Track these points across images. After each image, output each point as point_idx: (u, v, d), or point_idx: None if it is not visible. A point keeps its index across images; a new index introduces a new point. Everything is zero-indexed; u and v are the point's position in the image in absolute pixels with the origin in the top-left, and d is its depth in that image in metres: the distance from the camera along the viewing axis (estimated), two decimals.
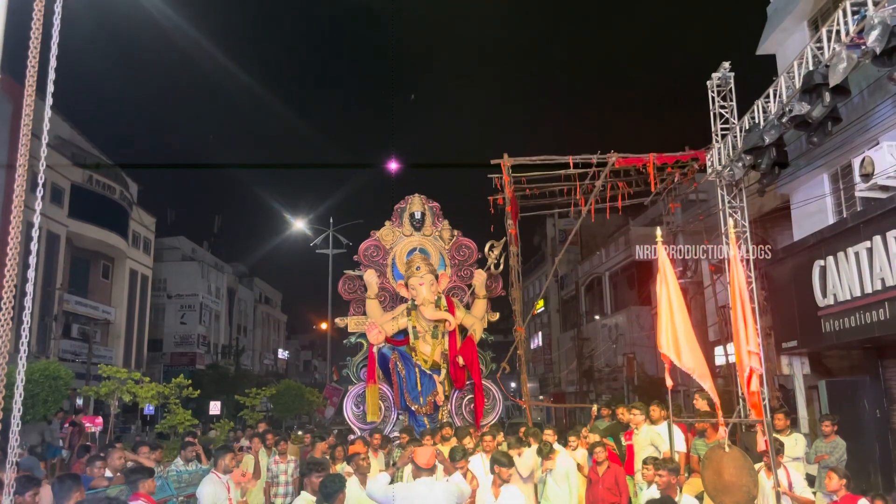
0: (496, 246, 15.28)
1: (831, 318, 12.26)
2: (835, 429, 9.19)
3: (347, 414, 14.07)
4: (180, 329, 52.29)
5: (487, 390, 14.18)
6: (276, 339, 74.02)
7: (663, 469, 6.42)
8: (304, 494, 6.32)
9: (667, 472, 6.33)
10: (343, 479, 5.73)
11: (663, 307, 7.75)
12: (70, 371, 21.75)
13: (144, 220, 45.26)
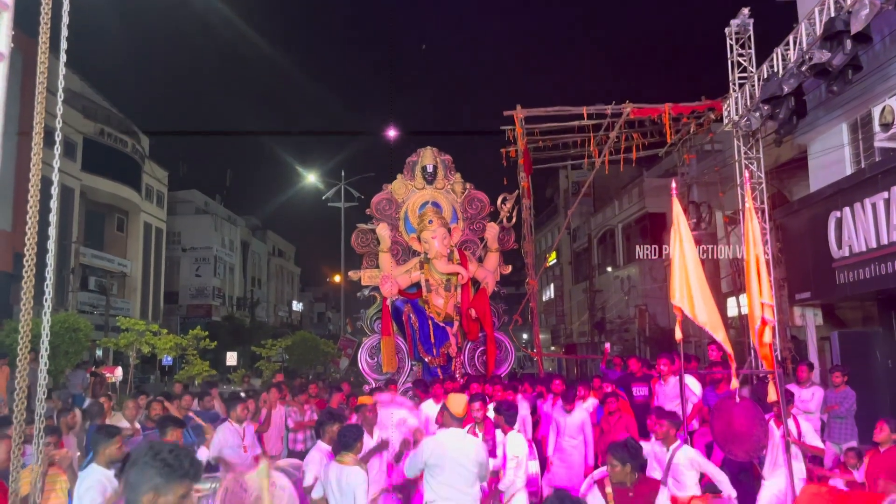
0: (509, 199, 15.24)
1: (846, 270, 12.22)
2: (845, 379, 9.24)
3: (362, 365, 14.27)
4: (195, 281, 52.88)
5: (500, 342, 14.33)
6: (289, 292, 74.75)
7: (664, 419, 6.46)
8: (320, 444, 6.46)
9: (667, 422, 6.37)
10: (361, 429, 5.84)
11: (676, 259, 7.74)
12: (89, 323, 22.14)
13: (157, 174, 45.37)
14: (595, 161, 16.55)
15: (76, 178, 35.73)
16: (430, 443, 5.48)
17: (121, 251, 41.11)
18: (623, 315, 31.71)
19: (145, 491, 2.30)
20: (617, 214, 33.91)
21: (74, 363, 20.13)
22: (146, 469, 2.32)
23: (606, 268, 35.32)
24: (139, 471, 2.33)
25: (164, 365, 34.89)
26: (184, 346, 27.35)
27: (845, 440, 8.72)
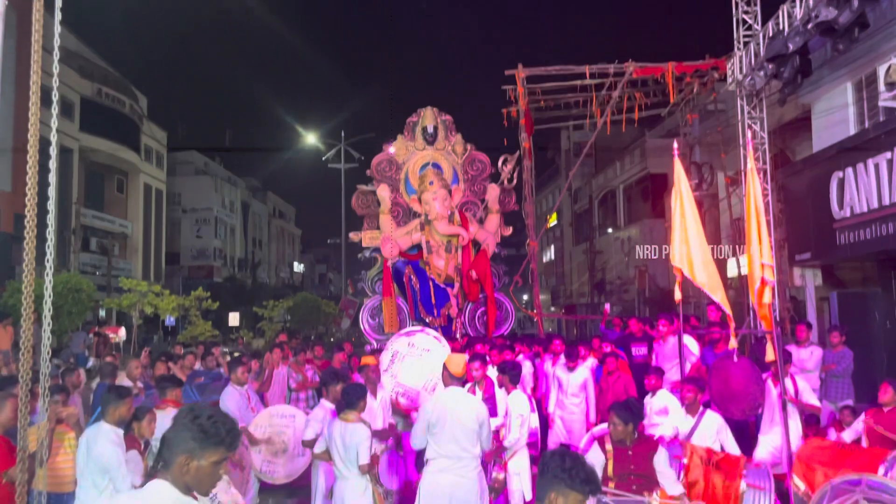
0: (510, 160, 15.17)
1: (846, 231, 12.22)
2: (843, 339, 9.31)
3: (364, 326, 14.38)
4: (196, 243, 52.93)
5: (500, 303, 14.40)
6: (290, 253, 74.86)
7: (691, 383, 6.53)
8: (323, 402, 6.55)
9: (694, 387, 6.45)
10: (364, 388, 5.92)
11: (677, 220, 7.74)
12: (91, 284, 22.24)
13: (156, 134, 45.08)
14: (597, 121, 16.43)
15: (74, 139, 35.51)
16: (430, 403, 5.56)
17: (121, 212, 41.07)
18: (623, 276, 31.80)
19: (180, 452, 2.36)
20: (618, 175, 33.75)
21: (78, 323, 20.29)
22: (183, 431, 2.37)
23: (607, 229, 35.31)
24: (177, 432, 2.39)
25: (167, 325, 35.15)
26: (186, 307, 27.52)
27: (841, 399, 8.82)
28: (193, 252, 52.72)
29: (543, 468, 2.77)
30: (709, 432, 6.26)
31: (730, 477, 5.49)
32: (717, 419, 6.40)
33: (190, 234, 52.76)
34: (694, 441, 6.21)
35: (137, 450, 5.11)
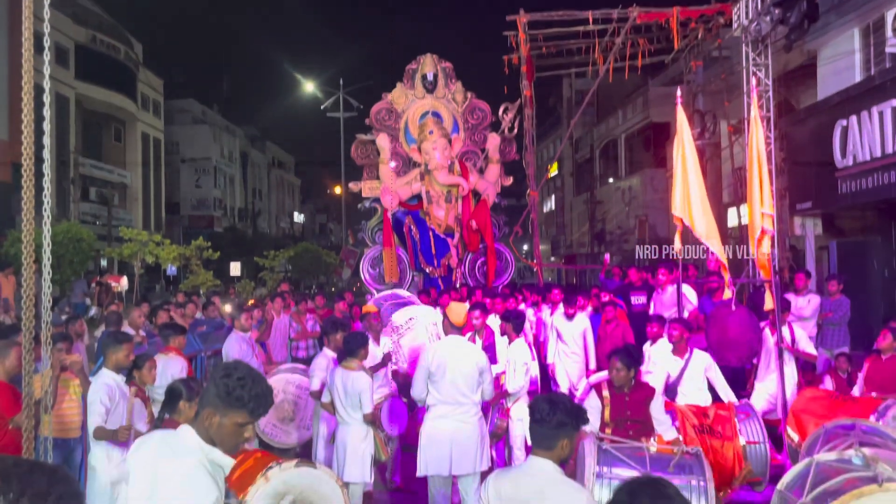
0: (510, 108, 14.99)
1: (848, 180, 12.17)
2: (840, 288, 9.37)
3: (364, 276, 14.43)
4: (196, 192, 52.77)
5: (500, 253, 14.43)
6: (290, 203, 74.68)
7: (677, 323, 6.58)
8: (325, 351, 6.63)
9: (681, 327, 6.50)
10: (366, 336, 5.98)
11: (678, 169, 7.71)
12: (92, 233, 22.26)
13: (152, 82, 44.49)
14: (599, 69, 16.17)
15: (70, 87, 35.06)
16: (429, 351, 5.62)
17: (119, 161, 40.84)
18: (623, 226, 31.79)
19: (205, 405, 2.43)
20: (620, 124, 33.43)
21: (80, 273, 20.37)
22: (212, 386, 2.42)
23: (608, 179, 35.15)
24: (209, 386, 2.44)
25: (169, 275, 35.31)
26: (187, 257, 27.57)
27: (837, 346, 8.93)
28: (193, 202, 52.59)
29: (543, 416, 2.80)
30: (698, 371, 6.35)
31: (727, 437, 5.58)
32: (706, 358, 6.47)
33: (189, 183, 52.54)
34: (684, 381, 6.29)
35: (140, 397, 5.19)
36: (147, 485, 2.40)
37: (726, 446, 5.46)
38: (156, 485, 2.37)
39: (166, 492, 2.35)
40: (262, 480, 3.79)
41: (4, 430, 4.68)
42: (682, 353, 6.44)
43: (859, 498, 3.50)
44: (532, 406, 2.88)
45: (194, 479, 2.35)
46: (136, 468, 2.48)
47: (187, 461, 2.37)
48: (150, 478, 2.39)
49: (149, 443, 2.54)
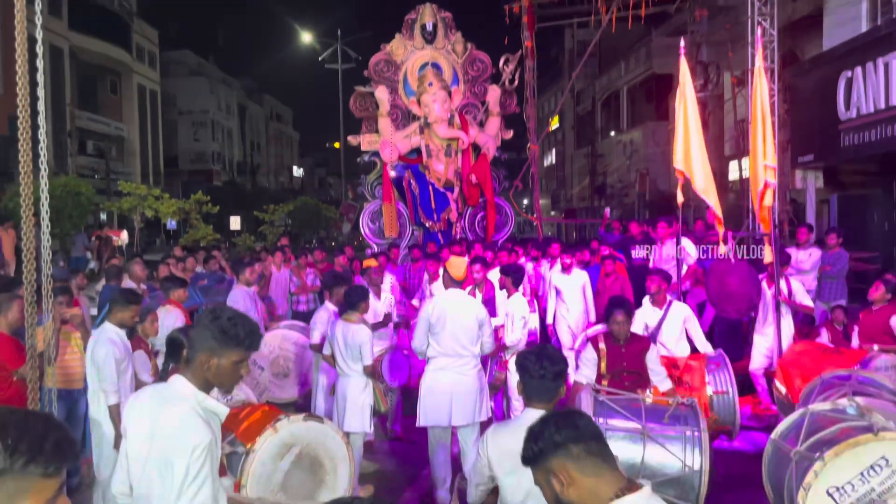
0: (511, 60, 14.74)
1: (851, 132, 12.09)
2: (840, 241, 9.38)
3: (364, 230, 14.41)
4: (194, 146, 52.42)
5: (500, 207, 14.38)
6: (289, 157, 74.26)
7: (655, 276, 6.60)
8: (327, 304, 6.70)
9: (658, 279, 6.51)
10: (366, 290, 6.02)
11: (680, 122, 7.65)
12: (90, 187, 22.15)
13: (147, 33, 43.77)
14: (602, 18, 15.89)
15: (64, 38, 34.48)
16: (430, 304, 5.67)
17: (116, 114, 40.43)
18: (624, 179, 31.66)
19: (200, 350, 2.45)
20: (623, 76, 32.99)
21: (79, 227, 20.34)
22: (204, 331, 2.45)
23: (609, 132, 34.86)
24: (199, 331, 2.47)
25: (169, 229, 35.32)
26: (187, 211, 27.53)
27: (835, 299, 8.98)
28: (192, 156, 52.28)
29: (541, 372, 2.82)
30: (676, 322, 6.40)
31: (694, 388, 5.64)
32: (685, 309, 6.51)
33: (187, 137, 52.14)
34: (663, 332, 6.35)
35: (144, 349, 5.25)
36: (145, 437, 2.43)
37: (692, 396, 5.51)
38: (154, 436, 2.41)
39: (161, 443, 2.39)
40: (271, 431, 3.88)
41: (9, 381, 4.74)
42: (661, 304, 6.47)
43: (855, 447, 3.56)
44: (523, 364, 2.88)
45: (187, 423, 2.38)
46: (132, 422, 2.51)
47: (181, 407, 2.41)
48: (148, 430, 2.43)
49: (142, 397, 2.57)
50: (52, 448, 1.33)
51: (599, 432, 1.91)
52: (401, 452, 6.85)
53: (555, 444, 1.85)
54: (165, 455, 2.36)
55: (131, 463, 2.49)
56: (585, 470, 1.83)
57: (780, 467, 4.10)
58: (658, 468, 4.26)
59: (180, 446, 2.34)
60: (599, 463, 1.84)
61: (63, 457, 1.35)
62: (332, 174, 70.86)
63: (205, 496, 2.36)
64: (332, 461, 3.97)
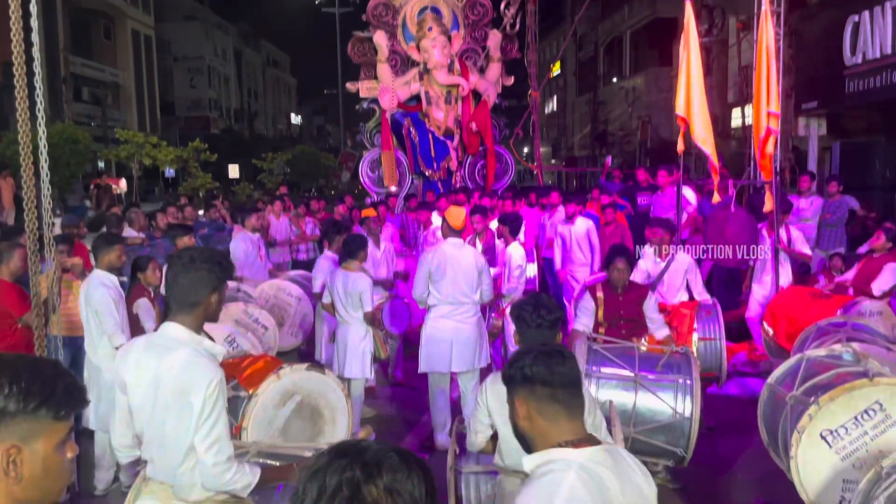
0: (512, 3, 14.44)
1: (856, 78, 11.94)
2: (840, 189, 9.36)
3: (363, 179, 14.33)
4: (191, 93, 51.78)
5: (500, 155, 14.27)
6: (287, 104, 73.45)
7: (658, 226, 6.59)
8: (326, 253, 6.74)
9: (661, 230, 6.51)
10: (365, 238, 6.06)
11: (683, 68, 7.55)
12: (87, 135, 21.96)
13: None
14: None
15: None
16: (429, 253, 5.70)
17: (110, 60, 39.80)
18: (626, 127, 31.38)
19: (207, 291, 2.53)
20: (626, 20, 32.34)
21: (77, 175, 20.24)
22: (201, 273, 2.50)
23: (612, 78, 34.38)
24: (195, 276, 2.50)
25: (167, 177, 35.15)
26: (185, 159, 27.37)
27: (833, 247, 8.99)
28: (188, 103, 51.69)
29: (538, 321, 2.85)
30: (678, 272, 6.42)
31: (682, 334, 5.69)
32: (687, 260, 6.51)
33: (183, 83, 51.46)
34: (664, 281, 6.38)
35: (147, 297, 5.29)
36: (149, 384, 2.46)
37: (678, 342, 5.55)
38: (159, 382, 2.44)
39: (169, 386, 2.42)
40: (274, 377, 3.94)
41: (14, 328, 4.79)
42: (665, 256, 6.48)
43: (850, 391, 3.62)
44: (519, 314, 2.90)
45: (195, 362, 2.43)
46: (130, 373, 2.52)
47: (183, 351, 2.44)
48: (150, 378, 2.45)
49: (136, 348, 2.58)
50: (63, 392, 1.36)
51: (573, 380, 1.90)
52: (401, 398, 6.97)
53: (524, 377, 1.89)
54: (178, 395, 2.40)
55: (135, 413, 2.52)
56: (543, 412, 1.85)
57: (775, 411, 4.18)
58: (649, 415, 4.35)
59: (195, 384, 2.39)
60: (560, 411, 1.85)
61: (73, 401, 1.39)
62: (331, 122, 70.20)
63: (220, 429, 2.43)
64: (331, 412, 4.05)
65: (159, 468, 2.51)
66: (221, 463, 2.42)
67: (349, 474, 1.13)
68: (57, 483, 1.39)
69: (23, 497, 1.33)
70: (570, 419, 1.86)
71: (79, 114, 34.41)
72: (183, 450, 2.42)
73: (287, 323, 7.48)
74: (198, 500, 2.48)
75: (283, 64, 73.47)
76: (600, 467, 1.76)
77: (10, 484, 1.31)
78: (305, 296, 7.59)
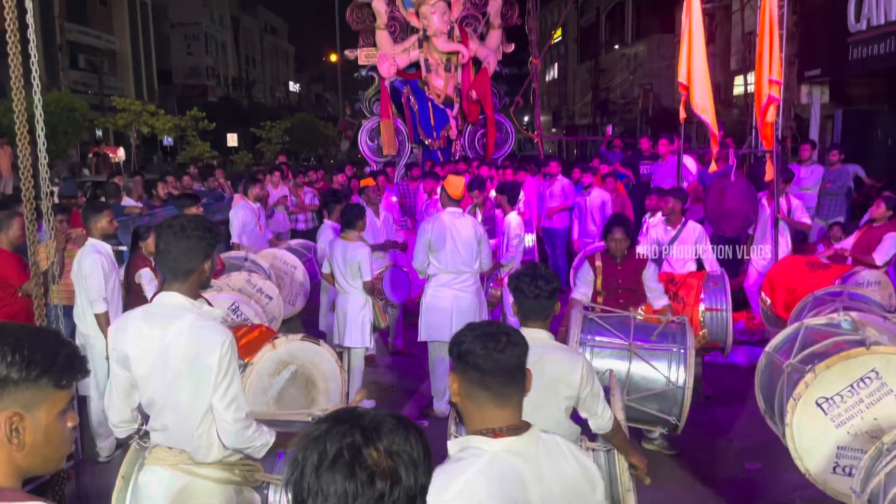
0: None
1: (860, 45, 11.81)
2: (842, 157, 9.31)
3: (362, 147, 14.26)
4: (188, 60, 51.27)
5: (500, 124, 14.17)
6: (285, 72, 72.72)
7: (670, 195, 6.59)
8: (327, 222, 6.77)
9: (673, 198, 6.51)
10: (363, 208, 6.05)
11: (685, 34, 7.47)
12: (84, 103, 21.78)
13: None
14: None
15: None
16: (428, 223, 5.70)
17: (106, 27, 39.28)
18: (627, 95, 31.14)
19: (201, 259, 2.53)
20: None
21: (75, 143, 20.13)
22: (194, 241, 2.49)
23: (614, 45, 34.02)
24: (188, 245, 2.49)
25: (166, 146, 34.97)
26: (183, 128, 27.20)
27: (833, 216, 8.98)
28: (185, 70, 51.19)
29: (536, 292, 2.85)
30: (688, 242, 6.43)
31: (688, 304, 5.71)
32: (698, 228, 6.52)
33: (180, 50, 50.90)
34: (673, 251, 6.39)
35: (149, 266, 5.29)
36: (156, 354, 2.46)
37: (685, 312, 5.58)
38: (167, 349, 2.44)
39: (181, 352, 2.43)
40: (269, 347, 3.97)
41: (14, 297, 4.81)
42: (676, 225, 6.48)
43: (846, 359, 3.64)
44: (517, 285, 2.89)
45: (204, 327, 2.46)
46: (130, 344, 2.51)
47: (188, 317, 2.46)
48: (156, 348, 2.45)
49: (134, 319, 2.56)
50: (65, 361, 1.38)
51: (509, 368, 1.83)
52: (401, 366, 7.02)
53: (458, 355, 1.87)
54: (191, 360, 2.42)
55: (142, 384, 2.52)
56: (472, 396, 1.83)
57: (772, 379, 4.22)
58: (643, 383, 4.39)
59: (208, 346, 2.41)
60: (487, 398, 1.81)
61: (74, 370, 1.40)
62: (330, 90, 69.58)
63: (237, 388, 2.47)
64: (324, 382, 4.11)
65: (174, 435, 2.52)
66: (241, 419, 2.47)
67: (349, 439, 1.14)
68: (58, 451, 1.42)
69: (24, 464, 1.36)
70: (497, 407, 1.80)
71: (75, 82, 34.08)
72: (200, 413, 2.45)
73: (285, 291, 7.50)
74: (215, 461, 2.51)
75: (280, 31, 72.58)
76: (516, 458, 1.73)
77: (12, 451, 1.33)
78: (303, 265, 7.62)
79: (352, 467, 1.12)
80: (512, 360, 1.84)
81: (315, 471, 1.13)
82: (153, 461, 2.56)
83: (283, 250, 7.70)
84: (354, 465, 1.12)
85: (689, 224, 6.50)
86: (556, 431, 2.87)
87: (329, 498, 1.12)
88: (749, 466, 4.88)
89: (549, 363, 2.79)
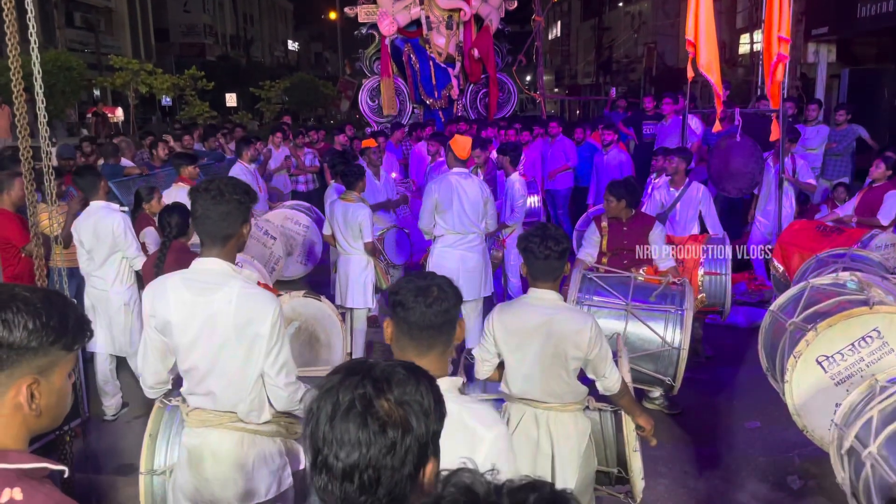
0: None
1: (869, 3, 11.60)
2: (848, 118, 9.21)
3: (363, 108, 14.12)
4: (185, 18, 50.41)
5: (502, 83, 14.00)
6: (284, 30, 71.60)
7: (674, 154, 6.54)
8: (334, 184, 6.76)
9: (678, 157, 6.46)
10: (363, 169, 6.03)
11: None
12: (81, 62, 21.51)
13: None
14: None
15: None
16: (434, 184, 5.66)
17: None
18: (631, 54, 30.74)
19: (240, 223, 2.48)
20: None
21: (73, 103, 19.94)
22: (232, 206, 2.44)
23: (618, 2, 33.47)
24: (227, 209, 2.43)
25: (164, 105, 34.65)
26: (181, 87, 26.91)
27: (838, 177, 8.92)
28: (183, 28, 50.35)
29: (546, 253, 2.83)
30: (691, 203, 6.41)
31: (688, 267, 5.70)
32: (701, 189, 6.49)
33: (177, 7, 49.98)
34: (678, 210, 6.37)
35: (153, 226, 5.28)
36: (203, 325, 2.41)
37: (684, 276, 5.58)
38: (216, 320, 2.40)
39: (230, 319, 2.39)
40: None
41: (18, 258, 4.81)
42: (679, 185, 6.44)
43: (848, 318, 3.65)
44: (527, 246, 2.87)
45: (253, 295, 2.44)
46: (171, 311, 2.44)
47: (235, 284, 2.42)
48: (202, 315, 2.41)
49: (173, 288, 2.47)
50: (75, 325, 1.39)
51: (435, 324, 1.89)
52: None
53: (392, 304, 1.94)
54: (241, 327, 2.39)
55: (186, 351, 2.46)
56: (399, 342, 1.94)
57: (775, 338, 4.23)
58: (638, 343, 4.41)
59: (260, 313, 2.40)
60: (411, 347, 1.91)
61: (83, 333, 1.42)
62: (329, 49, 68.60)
63: (287, 353, 2.49)
64: (327, 337, 4.16)
65: (221, 400, 2.49)
66: (293, 383, 2.50)
67: (361, 390, 1.18)
68: (64, 410, 1.44)
69: (35, 426, 1.38)
70: (417, 356, 1.87)
71: (71, 40, 33.57)
72: (251, 379, 2.45)
73: (296, 252, 7.52)
74: (265, 421, 2.53)
75: None
76: None
77: (29, 416, 1.34)
78: (314, 224, 7.64)
79: (364, 418, 1.15)
80: (439, 315, 1.90)
81: (329, 421, 1.17)
82: (198, 423, 2.53)
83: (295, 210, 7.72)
84: (366, 416, 1.15)
85: (693, 184, 6.46)
86: (564, 392, 2.92)
87: (343, 446, 1.15)
88: (749, 425, 4.93)
89: (557, 324, 2.80)
